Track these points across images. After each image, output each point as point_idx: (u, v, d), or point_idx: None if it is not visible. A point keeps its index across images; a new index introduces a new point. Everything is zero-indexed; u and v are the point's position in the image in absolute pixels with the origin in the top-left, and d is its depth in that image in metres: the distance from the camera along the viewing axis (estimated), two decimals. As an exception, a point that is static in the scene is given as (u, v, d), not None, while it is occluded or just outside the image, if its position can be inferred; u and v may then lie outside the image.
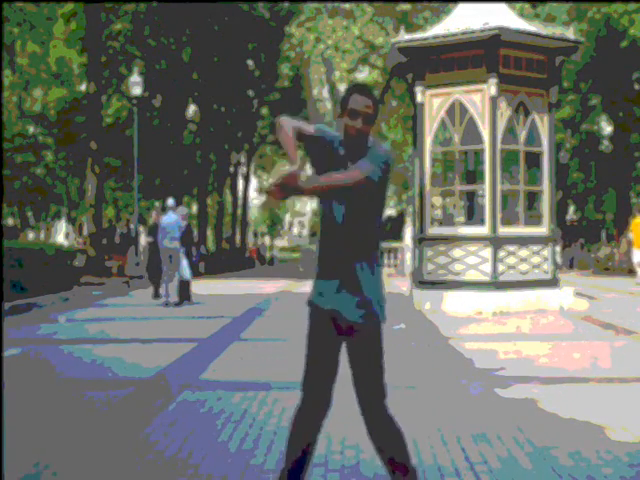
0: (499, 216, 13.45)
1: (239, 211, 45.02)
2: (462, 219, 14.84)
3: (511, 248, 13.52)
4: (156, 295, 16.51)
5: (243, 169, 46.18)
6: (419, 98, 14.14)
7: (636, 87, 31.85)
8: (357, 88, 3.35)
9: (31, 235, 51.77)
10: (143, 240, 26.13)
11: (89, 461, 4.59)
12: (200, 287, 17.91)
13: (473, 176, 14.62)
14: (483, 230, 13.49)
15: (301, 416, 3.47)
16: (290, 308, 14.70)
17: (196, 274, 18.94)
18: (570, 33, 14.51)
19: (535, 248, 13.81)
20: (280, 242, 74.72)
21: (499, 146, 13.49)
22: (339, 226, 3.30)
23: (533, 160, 14.20)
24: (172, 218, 14.82)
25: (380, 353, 3.39)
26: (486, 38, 13.24)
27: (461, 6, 14.66)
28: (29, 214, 48.51)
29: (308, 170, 3.40)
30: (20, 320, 12.42)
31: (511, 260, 13.49)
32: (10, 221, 46.86)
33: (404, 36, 14.51)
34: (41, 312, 13.63)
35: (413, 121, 15.31)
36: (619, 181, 33.88)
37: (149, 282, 17.80)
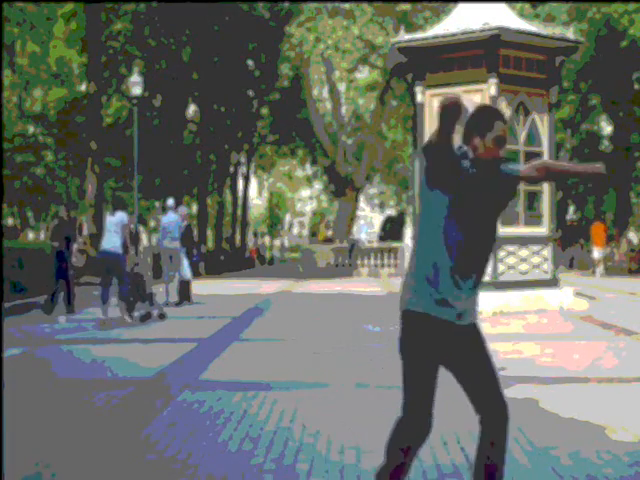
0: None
1: (239, 211, 45.00)
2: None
3: (511, 248, 13.52)
4: (69, 310, 13.06)
5: (243, 169, 46.14)
6: (419, 98, 14.14)
7: (636, 87, 31.85)
8: (500, 115, 3.40)
9: (31, 235, 51.75)
10: (145, 240, 26.03)
11: (89, 461, 4.59)
12: (200, 287, 17.90)
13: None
14: (483, 230, 13.48)
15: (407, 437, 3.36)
16: (290, 308, 14.71)
17: (196, 274, 18.94)
18: (570, 33, 14.51)
19: (535, 248, 13.81)
20: (280, 242, 74.68)
21: (499, 146, 13.47)
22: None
23: (533, 160, 14.18)
24: (172, 218, 14.82)
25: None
26: (486, 38, 13.24)
27: (461, 6, 14.66)
28: (29, 214, 48.49)
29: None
30: (20, 320, 12.41)
31: (511, 260, 13.49)
32: (10, 221, 46.83)
33: (404, 36, 14.51)
34: (41, 312, 13.60)
35: (413, 121, 15.31)
36: (619, 181, 33.88)
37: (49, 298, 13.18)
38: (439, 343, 3.31)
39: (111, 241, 11.63)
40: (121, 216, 11.78)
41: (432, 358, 3.32)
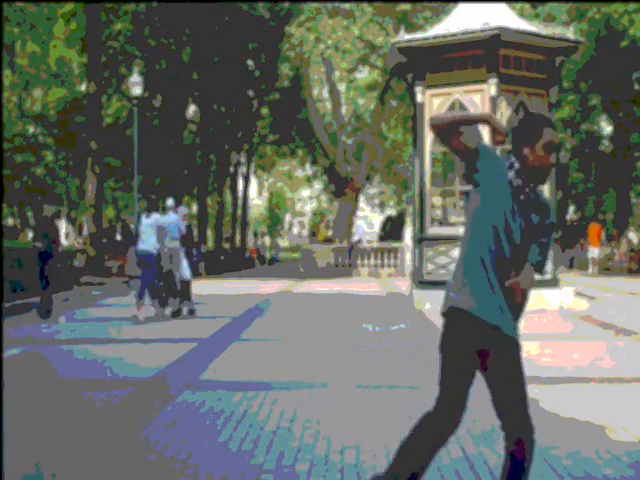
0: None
1: (239, 211, 45.00)
2: (462, 219, 14.83)
3: (511, 248, 13.50)
4: (47, 313, 12.75)
5: (243, 169, 46.14)
6: (419, 98, 14.13)
7: (636, 87, 31.85)
8: (547, 121, 3.33)
9: (31, 235, 51.73)
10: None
11: (89, 461, 4.59)
12: (200, 287, 17.89)
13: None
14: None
15: (435, 429, 3.35)
16: (290, 308, 14.71)
17: (196, 274, 18.93)
18: (570, 33, 14.51)
19: (535, 248, 13.80)
20: (280, 242, 74.71)
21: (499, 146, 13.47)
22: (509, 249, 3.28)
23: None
24: (172, 218, 14.80)
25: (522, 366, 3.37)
26: (486, 38, 13.24)
27: (461, 6, 14.65)
28: (29, 214, 48.50)
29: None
30: (20, 320, 12.41)
31: (511, 260, 13.48)
32: (10, 221, 46.85)
33: (404, 36, 14.51)
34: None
35: (413, 121, 15.30)
36: (619, 181, 33.89)
37: (41, 298, 12.88)
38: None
39: (148, 241, 12.45)
40: (155, 218, 12.64)
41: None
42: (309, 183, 62.78)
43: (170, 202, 15.47)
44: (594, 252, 27.75)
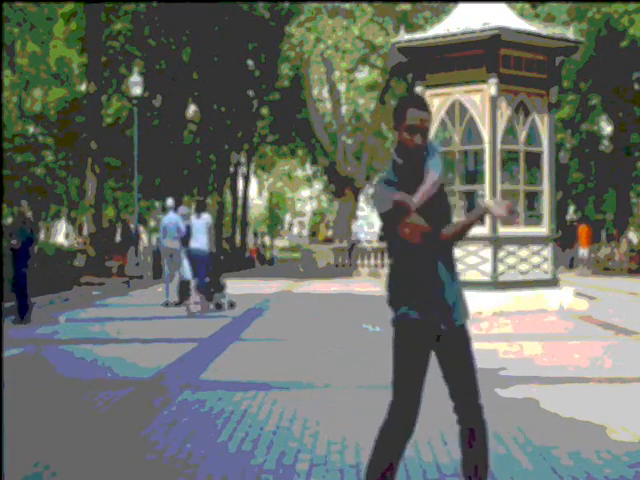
0: (499, 216, 13.42)
1: (239, 211, 45.00)
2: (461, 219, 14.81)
3: (511, 248, 13.52)
4: (20, 319, 11.85)
5: (243, 169, 46.13)
6: (419, 98, 14.12)
7: (636, 87, 31.84)
8: (413, 102, 3.33)
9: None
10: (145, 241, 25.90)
11: (89, 461, 4.59)
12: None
13: (473, 176, 14.61)
14: (483, 230, 13.47)
15: (393, 432, 3.51)
16: (290, 308, 14.71)
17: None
18: (570, 33, 14.50)
19: (535, 248, 13.81)
20: (280, 242, 74.63)
21: (499, 146, 13.49)
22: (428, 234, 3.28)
23: (533, 160, 14.20)
24: (172, 218, 14.82)
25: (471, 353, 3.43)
26: (486, 38, 13.24)
27: (461, 6, 14.65)
28: (29, 214, 48.46)
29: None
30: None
31: (511, 260, 13.49)
32: (10, 221, 46.79)
33: (404, 36, 14.51)
34: (41, 312, 13.59)
35: (413, 121, 15.25)
36: (619, 181, 33.87)
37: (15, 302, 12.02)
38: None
39: (199, 240, 13.25)
40: (206, 218, 13.51)
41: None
42: (309, 183, 62.71)
43: (170, 202, 15.51)
44: (584, 253, 28.47)
